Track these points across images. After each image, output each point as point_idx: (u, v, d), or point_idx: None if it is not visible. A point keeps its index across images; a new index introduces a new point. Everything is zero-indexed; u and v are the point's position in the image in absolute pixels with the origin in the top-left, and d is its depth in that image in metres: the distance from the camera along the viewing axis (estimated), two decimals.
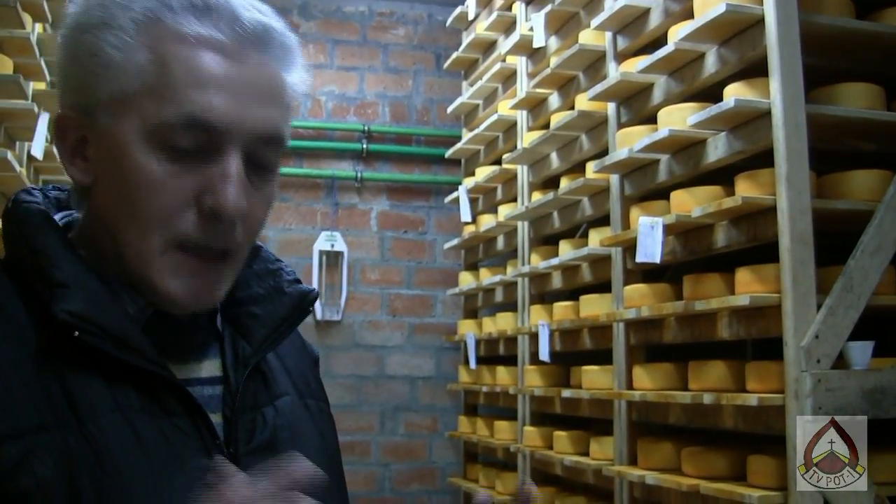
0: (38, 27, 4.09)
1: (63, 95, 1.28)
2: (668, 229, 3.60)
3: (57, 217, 1.31)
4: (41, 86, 4.11)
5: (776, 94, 3.14)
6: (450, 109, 6.48)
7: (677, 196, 3.64)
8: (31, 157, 4.09)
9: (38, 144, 3.85)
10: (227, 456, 1.24)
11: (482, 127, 5.82)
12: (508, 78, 5.70)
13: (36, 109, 3.66)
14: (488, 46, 6.11)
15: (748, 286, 3.22)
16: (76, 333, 1.15)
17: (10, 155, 3.38)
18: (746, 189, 3.27)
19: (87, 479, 1.10)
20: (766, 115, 3.18)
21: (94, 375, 1.17)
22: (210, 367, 1.33)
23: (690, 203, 3.52)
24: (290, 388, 1.44)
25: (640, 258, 3.63)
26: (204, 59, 1.19)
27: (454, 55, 6.40)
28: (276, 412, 1.36)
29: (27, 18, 3.73)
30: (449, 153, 6.42)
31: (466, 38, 6.34)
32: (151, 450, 1.16)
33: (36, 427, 1.10)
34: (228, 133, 1.19)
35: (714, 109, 3.29)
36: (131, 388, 1.18)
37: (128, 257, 1.22)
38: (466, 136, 6.27)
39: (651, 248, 3.58)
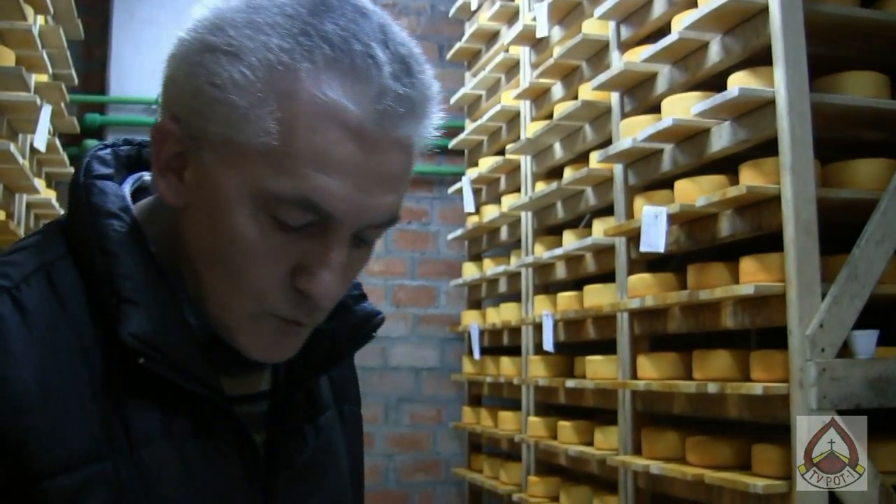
0: (41, 19, 4.09)
1: (168, 102, 1.14)
2: (672, 219, 3.60)
3: (128, 184, 1.24)
4: (43, 78, 4.11)
5: (780, 83, 3.13)
6: (453, 100, 6.46)
7: (681, 185, 3.63)
8: (33, 149, 4.10)
9: (41, 136, 3.85)
10: (267, 478, 1.21)
11: (485, 117, 5.81)
12: (511, 68, 5.69)
13: (38, 101, 3.67)
14: (491, 37, 6.10)
15: (753, 275, 3.22)
16: (141, 360, 1.08)
17: (12, 147, 3.38)
18: (751, 178, 3.27)
19: None
20: (771, 104, 3.17)
21: (152, 399, 1.11)
22: (261, 382, 1.28)
23: (694, 192, 3.51)
24: (330, 397, 1.39)
25: (644, 248, 3.63)
26: (335, 139, 1.04)
27: (457, 46, 6.39)
28: (317, 431, 1.31)
29: (29, 10, 3.73)
30: (452, 144, 6.41)
31: (469, 29, 6.33)
32: (197, 478, 1.13)
33: (91, 457, 1.05)
34: (340, 220, 1.08)
35: (718, 98, 3.29)
36: (186, 413, 1.14)
37: (211, 306, 1.14)
38: (469, 126, 6.26)
39: (655, 238, 3.57)
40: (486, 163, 5.90)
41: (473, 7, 6.26)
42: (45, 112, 3.81)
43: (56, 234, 1.18)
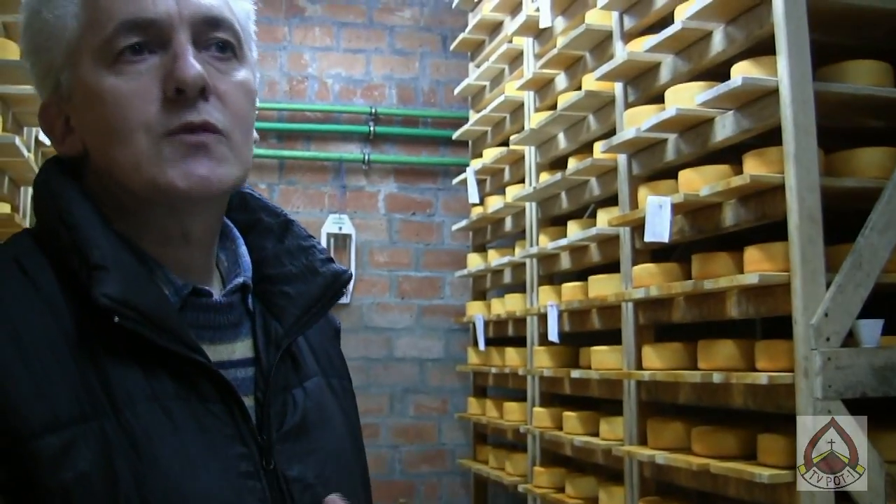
0: None
1: (40, 91, 1.31)
2: (676, 208, 3.60)
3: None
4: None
5: (784, 71, 3.13)
6: (457, 91, 6.48)
7: (685, 175, 3.63)
8: (38, 143, 4.10)
9: None
10: (260, 440, 1.24)
11: (489, 108, 5.81)
12: (515, 59, 5.69)
13: None
14: (494, 27, 6.10)
15: (757, 265, 3.22)
16: (116, 319, 1.13)
17: (17, 140, 3.39)
18: (754, 167, 3.27)
19: (124, 468, 1.10)
20: (774, 93, 3.17)
21: (130, 361, 1.16)
22: (242, 349, 1.32)
23: (698, 182, 3.51)
24: (316, 367, 1.43)
25: (648, 238, 3.63)
26: None
27: (460, 36, 6.39)
28: (306, 394, 1.35)
29: None
30: (456, 135, 6.42)
31: (473, 20, 6.33)
32: (187, 436, 1.16)
33: (76, 417, 1.10)
34: (165, 21, 1.22)
35: (722, 88, 3.29)
36: (167, 374, 1.18)
37: (127, 176, 1.22)
38: (473, 117, 6.27)
39: (659, 228, 3.57)
40: (491, 154, 5.90)
41: None
42: None
43: (22, 235, 1.29)
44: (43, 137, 3.85)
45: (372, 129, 6.76)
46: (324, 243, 6.50)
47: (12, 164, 3.67)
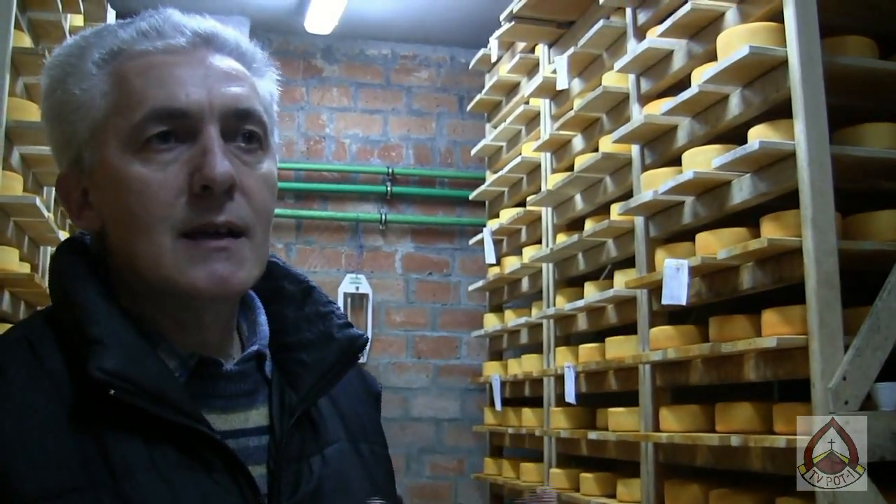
0: None
1: (58, 160, 1.32)
2: (693, 271, 3.60)
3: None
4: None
5: (801, 135, 3.13)
6: (473, 151, 6.51)
7: (703, 238, 3.63)
8: (58, 203, 4.13)
9: None
10: None
11: (506, 169, 5.84)
12: (532, 120, 5.72)
13: None
14: (511, 88, 6.14)
15: (775, 328, 3.21)
16: (111, 392, 1.14)
17: (38, 201, 3.42)
18: (772, 231, 3.27)
19: None
20: (791, 156, 3.18)
21: (131, 433, 1.16)
22: (257, 417, 1.32)
23: (716, 245, 3.52)
24: (342, 432, 1.42)
25: (665, 300, 3.63)
26: (159, 62, 1.25)
27: (477, 97, 6.43)
28: (324, 461, 1.34)
29: None
30: (473, 195, 6.44)
31: (489, 81, 6.37)
32: None
33: (69, 488, 1.10)
34: (196, 113, 1.23)
35: (739, 152, 3.30)
36: (170, 445, 1.18)
37: (145, 268, 1.23)
38: (490, 178, 6.29)
39: (677, 291, 3.57)
40: (507, 214, 5.91)
41: (493, 59, 6.31)
42: None
43: (35, 316, 1.32)
44: None
45: (389, 188, 6.79)
46: (341, 303, 6.53)
47: (32, 225, 3.70)
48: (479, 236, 6.29)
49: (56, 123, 1.29)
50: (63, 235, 4.06)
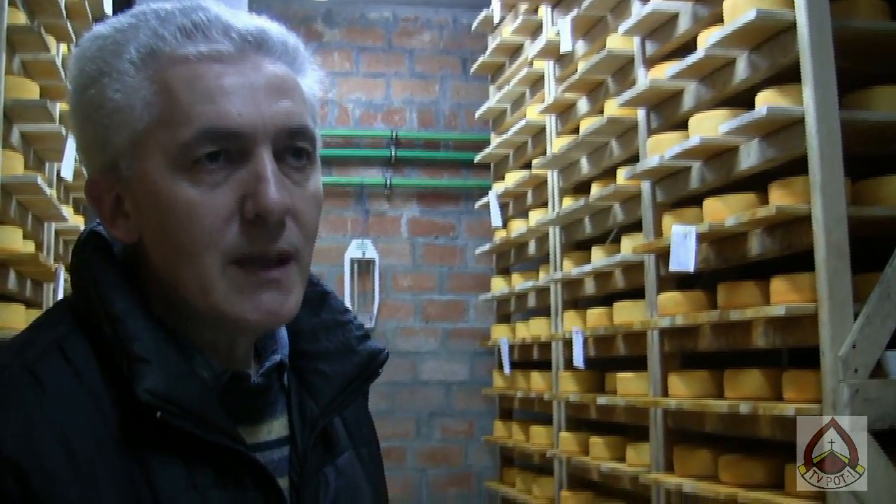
0: (63, 47, 4.10)
1: (87, 161, 1.26)
2: (701, 238, 3.58)
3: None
4: (67, 107, 4.13)
5: (809, 100, 3.10)
6: (478, 114, 6.48)
7: (710, 204, 3.61)
8: (60, 178, 4.12)
9: (68, 165, 3.88)
10: None
11: (511, 132, 5.81)
12: (536, 82, 5.68)
13: (63, 132, 3.68)
14: (515, 50, 6.10)
15: (783, 295, 3.19)
16: (158, 414, 1.11)
17: (39, 179, 3.40)
18: (780, 197, 3.24)
19: None
20: (800, 122, 3.14)
21: (172, 452, 1.14)
22: (279, 428, 1.30)
23: (724, 211, 3.49)
24: (346, 438, 1.41)
25: (673, 267, 3.61)
26: (206, 71, 1.17)
27: (480, 59, 6.40)
28: (337, 472, 1.33)
29: (51, 41, 3.75)
30: (478, 158, 6.42)
31: (492, 42, 6.33)
32: None
33: None
34: (249, 134, 1.16)
35: (746, 118, 3.27)
36: (207, 463, 1.16)
37: (192, 294, 1.18)
38: (495, 140, 6.27)
39: (684, 257, 3.55)
40: (513, 177, 5.90)
41: (496, 21, 6.26)
42: (71, 141, 3.82)
43: (62, 312, 1.25)
44: (65, 173, 3.87)
45: (393, 153, 6.77)
46: (347, 269, 6.52)
47: (35, 202, 3.69)
48: (484, 199, 6.28)
49: (87, 122, 1.21)
50: (66, 210, 4.05)
